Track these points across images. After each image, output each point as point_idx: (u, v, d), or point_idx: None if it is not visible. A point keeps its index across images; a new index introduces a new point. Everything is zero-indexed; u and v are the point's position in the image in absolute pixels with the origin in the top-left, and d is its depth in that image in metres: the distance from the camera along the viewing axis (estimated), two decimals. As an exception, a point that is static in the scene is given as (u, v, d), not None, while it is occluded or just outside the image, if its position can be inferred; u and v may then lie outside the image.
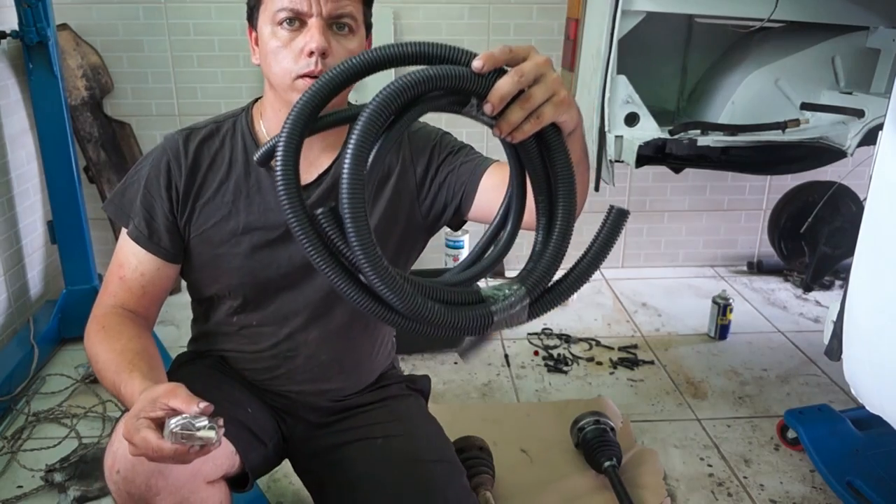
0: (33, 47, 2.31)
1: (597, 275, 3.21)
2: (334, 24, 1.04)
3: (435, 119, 1.01)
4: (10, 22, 2.38)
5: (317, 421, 1.31)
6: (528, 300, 0.75)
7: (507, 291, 0.75)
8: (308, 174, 1.16)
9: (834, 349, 1.31)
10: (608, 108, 2.08)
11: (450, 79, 0.67)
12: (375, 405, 1.33)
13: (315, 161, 1.17)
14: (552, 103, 0.72)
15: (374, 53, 0.68)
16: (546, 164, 0.77)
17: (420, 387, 1.43)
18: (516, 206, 0.83)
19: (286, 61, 1.04)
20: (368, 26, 1.13)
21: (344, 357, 1.29)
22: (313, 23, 1.02)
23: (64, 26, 2.70)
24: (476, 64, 0.68)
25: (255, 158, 0.73)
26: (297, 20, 1.02)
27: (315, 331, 1.24)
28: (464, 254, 3.08)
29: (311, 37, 1.01)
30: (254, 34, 1.11)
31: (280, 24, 1.03)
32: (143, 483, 1.00)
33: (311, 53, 1.01)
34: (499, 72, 0.70)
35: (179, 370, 1.29)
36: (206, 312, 1.28)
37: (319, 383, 1.29)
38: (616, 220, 0.80)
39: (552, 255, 0.79)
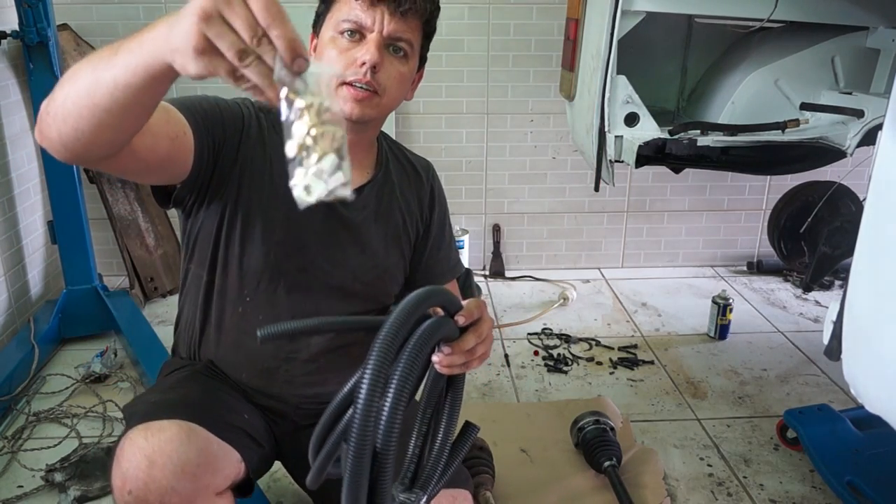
0: (34, 47, 2.31)
1: (597, 275, 3.21)
2: (391, 45, 1.12)
3: (435, 119, 1.03)
4: (11, 22, 2.38)
5: (306, 422, 1.30)
6: (425, 497, 0.94)
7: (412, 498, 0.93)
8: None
9: (833, 349, 1.31)
10: (608, 108, 2.07)
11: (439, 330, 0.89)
12: None
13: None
14: (480, 359, 0.97)
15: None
16: (447, 393, 0.97)
17: None
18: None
19: (338, 68, 1.10)
20: (423, 59, 1.21)
21: (342, 362, 1.29)
22: (372, 38, 1.09)
23: (64, 26, 2.70)
24: (460, 320, 0.93)
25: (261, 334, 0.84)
26: (357, 33, 1.09)
27: (320, 337, 1.25)
28: (464, 254, 3.08)
29: (368, 50, 1.09)
30: (314, 41, 1.17)
31: (342, 33, 1.10)
32: (156, 501, 0.98)
33: (363, 64, 1.08)
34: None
35: (171, 376, 1.27)
36: (215, 300, 1.22)
37: (316, 387, 1.28)
38: (464, 434, 1.00)
39: (436, 459, 0.95)
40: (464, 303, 0.95)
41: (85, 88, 0.76)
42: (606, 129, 2.10)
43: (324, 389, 1.29)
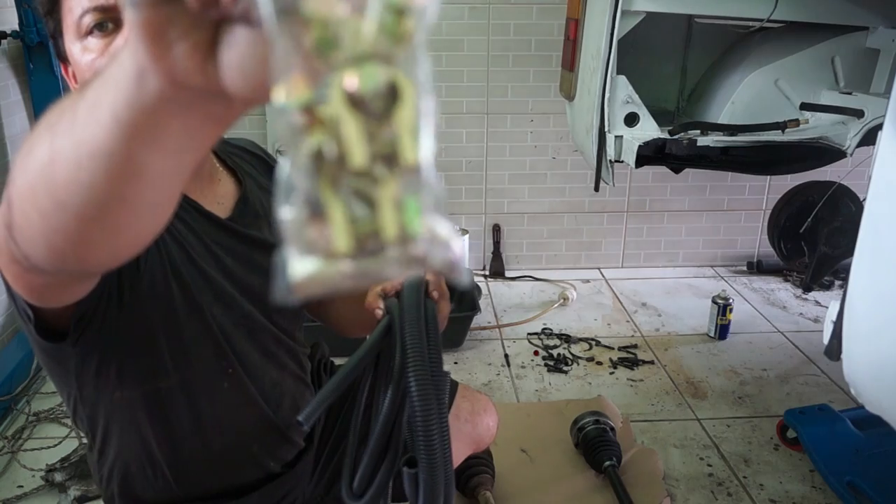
0: (34, 48, 2.31)
1: (597, 275, 3.21)
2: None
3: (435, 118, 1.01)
4: (11, 22, 2.38)
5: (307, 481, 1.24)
6: None
7: None
8: (223, 209, 1.04)
9: (833, 349, 1.31)
10: (608, 108, 2.08)
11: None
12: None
13: (219, 193, 1.05)
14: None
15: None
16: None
17: (320, 354, 1.34)
18: None
19: None
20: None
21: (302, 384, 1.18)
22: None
23: (64, 26, 2.70)
24: (434, 295, 0.97)
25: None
26: (108, 22, 0.83)
27: (286, 373, 1.14)
28: (464, 254, 3.08)
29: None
30: (70, 70, 0.89)
31: (89, 33, 0.83)
32: None
33: None
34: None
35: None
36: (177, 404, 0.98)
37: (299, 431, 1.15)
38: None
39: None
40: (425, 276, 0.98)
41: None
42: (606, 129, 2.10)
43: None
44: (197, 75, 0.32)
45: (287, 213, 0.27)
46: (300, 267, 0.27)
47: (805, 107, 2.17)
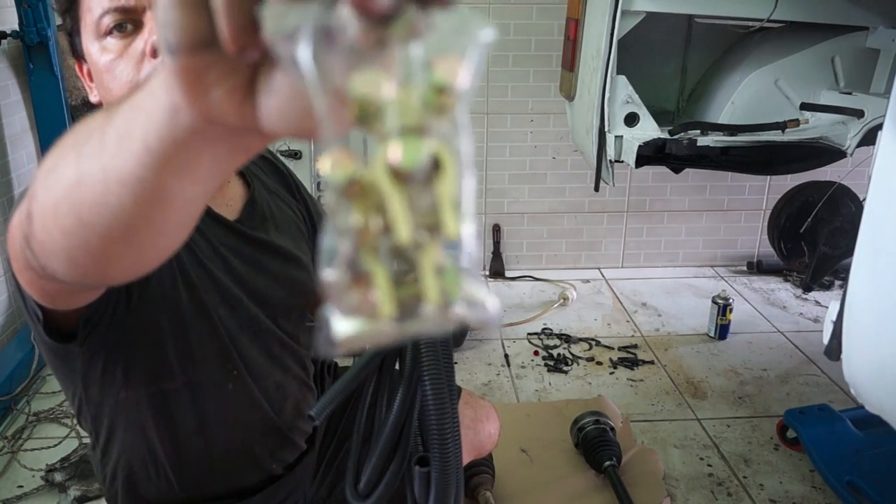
0: (34, 47, 2.31)
1: (597, 275, 3.21)
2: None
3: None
4: (11, 22, 2.38)
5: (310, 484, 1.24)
6: None
7: None
8: (231, 211, 1.04)
9: (833, 349, 1.31)
10: (608, 108, 2.08)
11: None
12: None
13: (228, 195, 1.05)
14: None
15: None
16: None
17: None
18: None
19: (126, 72, 0.82)
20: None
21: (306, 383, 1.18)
22: (151, 17, 0.81)
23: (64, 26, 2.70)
24: None
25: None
26: (128, 23, 0.82)
27: (290, 376, 1.13)
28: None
29: (152, 31, 0.80)
30: (85, 68, 0.89)
31: (108, 34, 0.82)
32: None
33: (155, 52, 0.80)
34: None
35: None
36: (182, 404, 0.98)
37: (301, 433, 1.15)
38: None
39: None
40: None
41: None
42: (606, 129, 2.11)
43: (306, 425, 1.18)
44: (234, 116, 0.33)
45: (330, 275, 0.28)
46: (343, 327, 0.28)
47: (805, 107, 2.17)
